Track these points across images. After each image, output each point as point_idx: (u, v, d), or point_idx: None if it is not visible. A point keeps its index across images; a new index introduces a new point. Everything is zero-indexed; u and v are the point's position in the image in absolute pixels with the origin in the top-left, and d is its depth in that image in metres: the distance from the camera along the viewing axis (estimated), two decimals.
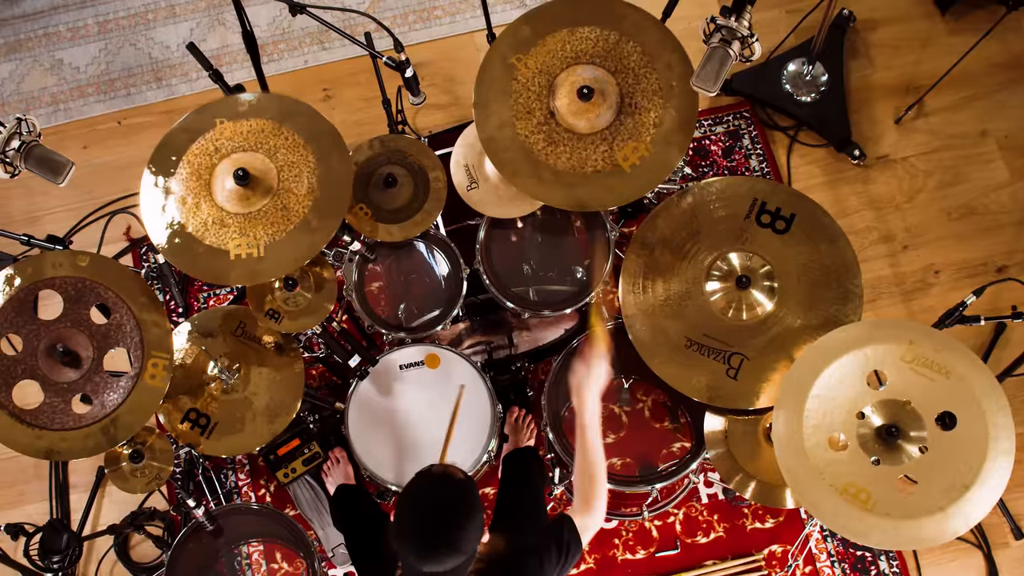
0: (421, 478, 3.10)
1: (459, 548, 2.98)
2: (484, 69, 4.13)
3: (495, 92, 4.10)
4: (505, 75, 4.10)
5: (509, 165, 4.06)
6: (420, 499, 3.05)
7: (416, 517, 3.02)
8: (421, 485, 3.09)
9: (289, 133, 3.91)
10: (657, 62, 4.05)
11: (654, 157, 4.01)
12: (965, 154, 5.72)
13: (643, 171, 4.01)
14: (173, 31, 6.19)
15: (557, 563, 3.33)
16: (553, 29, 4.11)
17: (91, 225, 5.80)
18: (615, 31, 4.08)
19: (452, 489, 3.05)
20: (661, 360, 4.15)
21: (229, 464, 5.32)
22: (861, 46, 5.95)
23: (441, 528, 2.97)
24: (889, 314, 5.44)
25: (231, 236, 3.84)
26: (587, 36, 4.09)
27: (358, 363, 4.37)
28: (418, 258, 4.75)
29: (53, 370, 3.83)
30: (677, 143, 4.01)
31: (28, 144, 3.54)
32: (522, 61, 4.08)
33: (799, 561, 5.07)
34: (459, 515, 3.00)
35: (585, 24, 4.10)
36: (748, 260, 4.17)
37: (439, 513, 3.00)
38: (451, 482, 3.07)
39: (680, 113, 4.03)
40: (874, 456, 3.62)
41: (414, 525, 3.01)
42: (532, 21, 4.13)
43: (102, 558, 5.21)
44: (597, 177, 4.02)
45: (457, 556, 3.00)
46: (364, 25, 5.89)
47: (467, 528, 2.99)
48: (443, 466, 3.15)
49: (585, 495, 3.55)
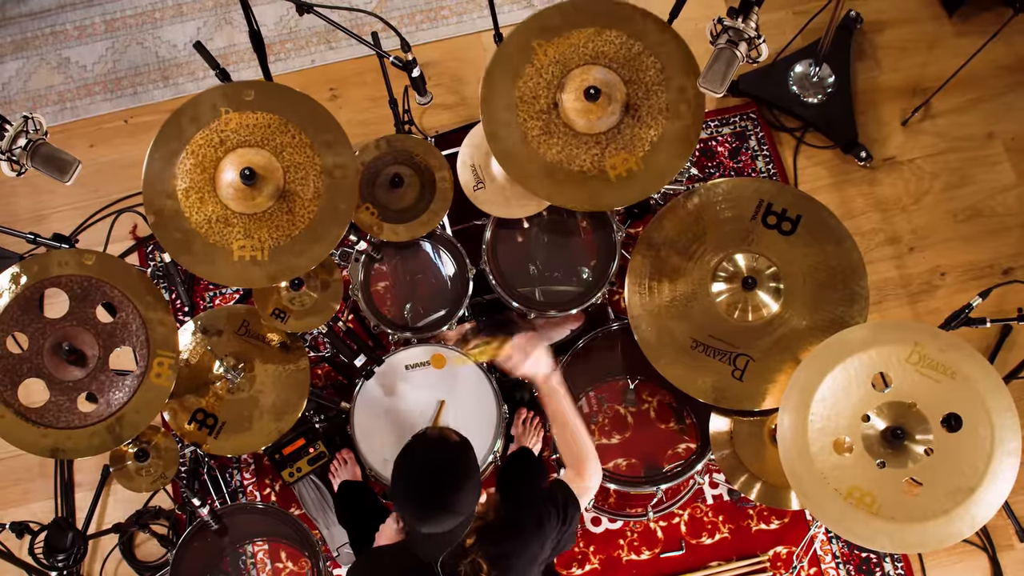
0: (417, 440, 3.13)
1: (456, 509, 3.02)
2: (506, 45, 4.11)
3: (509, 69, 4.10)
4: (522, 56, 4.09)
5: (503, 142, 4.06)
6: (417, 462, 3.08)
7: (413, 480, 3.05)
8: (417, 448, 3.11)
9: (296, 131, 3.90)
10: (672, 83, 4.04)
11: (641, 173, 4.01)
12: (972, 156, 5.72)
13: (627, 183, 4.01)
14: (180, 30, 6.19)
15: (556, 523, 3.35)
16: (582, 24, 4.09)
17: (97, 224, 5.80)
18: (640, 42, 4.07)
19: (448, 452, 3.09)
20: (667, 361, 4.15)
21: (234, 463, 5.32)
22: (868, 48, 5.95)
23: (438, 490, 3.00)
24: (895, 316, 5.44)
25: (235, 236, 3.83)
26: (612, 40, 4.07)
27: (364, 363, 4.36)
28: (424, 258, 4.75)
29: (59, 368, 3.83)
30: (668, 165, 4.03)
31: (35, 142, 3.54)
32: (542, 47, 4.07)
33: (804, 563, 5.06)
34: (456, 477, 3.03)
35: (614, 28, 4.09)
36: (754, 261, 4.17)
37: (436, 476, 3.03)
38: (447, 444, 3.11)
39: (679, 137, 4.03)
40: (879, 459, 3.62)
41: (412, 488, 3.04)
42: (565, 11, 4.11)
43: (107, 557, 5.21)
44: (580, 176, 4.02)
45: (455, 517, 3.04)
46: (371, 25, 5.90)
47: (464, 490, 3.02)
48: (439, 429, 3.18)
49: (573, 460, 3.59)
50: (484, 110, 4.07)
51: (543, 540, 3.32)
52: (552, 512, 3.36)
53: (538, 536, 3.31)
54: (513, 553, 3.27)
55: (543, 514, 3.34)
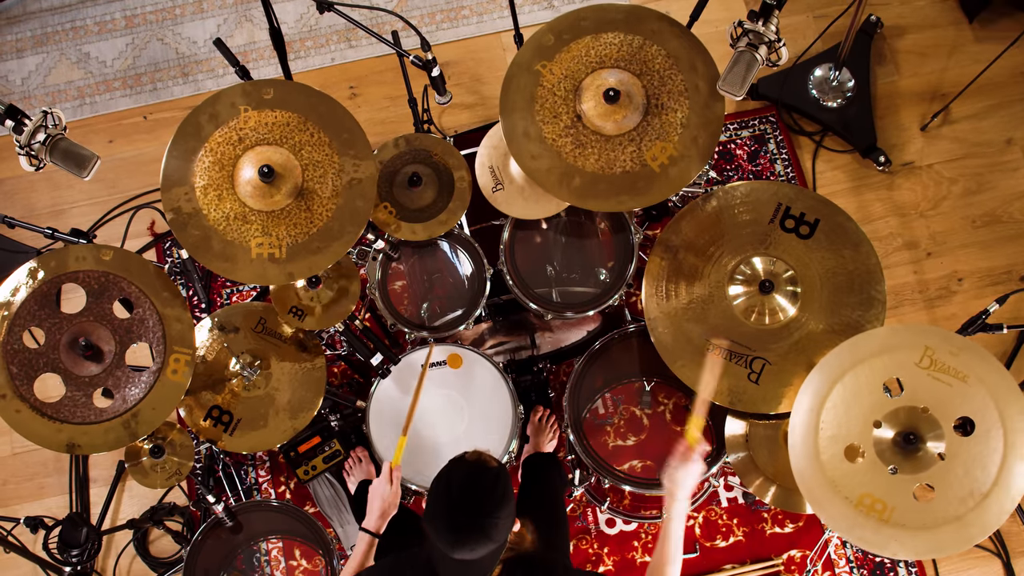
0: (455, 464, 3.08)
1: (491, 536, 2.97)
2: (509, 80, 4.11)
3: (521, 99, 4.09)
4: (531, 82, 4.09)
5: (540, 173, 4.06)
6: (454, 486, 3.02)
7: (450, 504, 2.99)
8: (455, 471, 3.06)
9: (315, 130, 3.90)
10: (682, 63, 4.04)
11: (683, 155, 4.00)
12: (990, 162, 5.71)
13: (672, 170, 4.01)
14: (200, 26, 6.21)
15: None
16: (577, 36, 4.10)
17: (115, 219, 5.82)
18: (638, 36, 4.07)
19: (486, 477, 3.03)
20: (683, 363, 4.15)
21: (249, 460, 5.33)
22: (888, 52, 5.94)
23: (474, 516, 2.95)
24: (912, 321, 5.44)
25: (253, 234, 3.84)
26: (611, 41, 4.08)
27: (380, 361, 4.36)
28: (441, 257, 4.75)
29: (75, 364, 3.83)
30: (703, 143, 4.02)
31: (53, 137, 3.54)
32: (547, 67, 4.08)
33: (818, 566, 5.06)
34: (492, 503, 2.98)
35: (609, 30, 4.09)
36: (772, 265, 4.17)
37: (473, 501, 2.97)
38: (485, 469, 3.05)
39: (705, 117, 4.03)
40: (892, 465, 3.61)
41: (447, 512, 2.98)
42: (555, 29, 4.12)
43: (121, 552, 5.22)
44: (626, 178, 4.02)
45: (488, 544, 2.98)
46: (391, 23, 5.92)
47: (500, 516, 2.97)
48: (477, 453, 3.11)
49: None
50: (513, 149, 4.08)
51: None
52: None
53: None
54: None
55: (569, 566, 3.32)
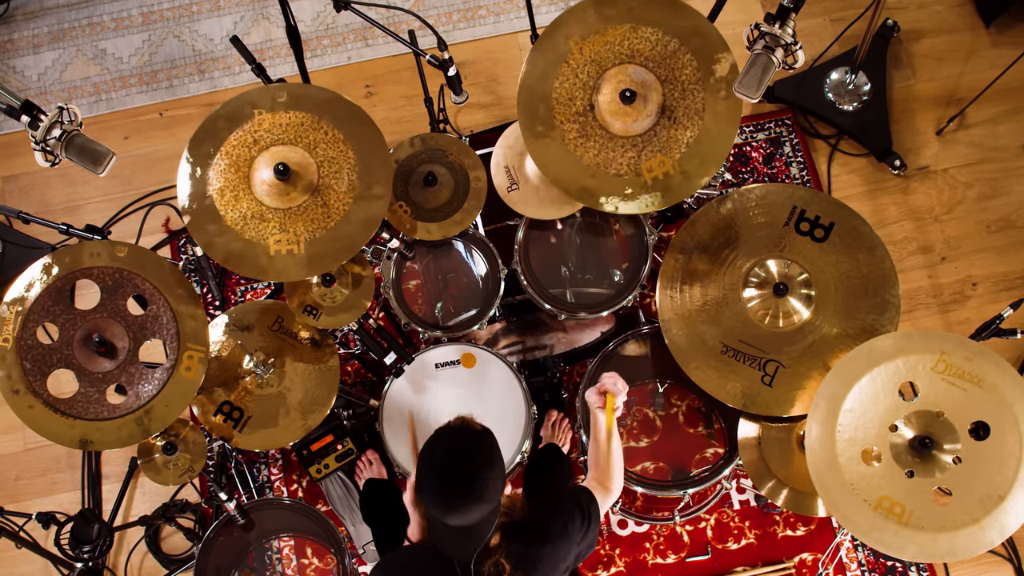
0: (440, 432, 3.12)
1: (482, 496, 2.99)
2: (543, 40, 4.11)
3: (545, 64, 4.09)
4: (558, 55, 4.08)
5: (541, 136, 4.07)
6: (440, 450, 3.06)
7: (438, 468, 3.03)
8: (440, 437, 3.10)
9: (329, 128, 3.91)
10: (709, 85, 4.03)
11: (676, 176, 4.00)
12: (1006, 167, 5.70)
13: (661, 187, 4.01)
14: (217, 24, 6.21)
15: (580, 530, 3.34)
16: (618, 21, 4.07)
17: (130, 216, 5.83)
18: (676, 39, 4.05)
19: (471, 438, 3.08)
20: (696, 365, 4.15)
21: (262, 458, 5.34)
22: (904, 56, 5.93)
23: (463, 476, 2.98)
24: (926, 325, 5.43)
25: (271, 232, 3.84)
26: (648, 36, 4.05)
27: (394, 360, 4.37)
28: (456, 257, 4.75)
29: (89, 360, 3.84)
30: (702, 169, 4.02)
31: (69, 133, 3.55)
32: (578, 45, 4.06)
33: (830, 570, 5.06)
34: (479, 462, 3.01)
35: (650, 24, 4.07)
36: (786, 267, 4.16)
37: (460, 462, 3.01)
38: (469, 432, 3.10)
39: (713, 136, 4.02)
40: (908, 468, 3.61)
41: (436, 475, 3.02)
42: (601, 7, 4.09)
43: (132, 549, 5.23)
44: (617, 180, 4.02)
45: (481, 505, 3.00)
46: (408, 23, 5.92)
47: (488, 475, 3.00)
48: (460, 418, 3.16)
49: (601, 476, 3.59)
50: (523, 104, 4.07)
51: (569, 545, 3.31)
52: (577, 517, 3.35)
53: (564, 541, 3.30)
54: (538, 557, 3.26)
55: (568, 519, 3.32)
